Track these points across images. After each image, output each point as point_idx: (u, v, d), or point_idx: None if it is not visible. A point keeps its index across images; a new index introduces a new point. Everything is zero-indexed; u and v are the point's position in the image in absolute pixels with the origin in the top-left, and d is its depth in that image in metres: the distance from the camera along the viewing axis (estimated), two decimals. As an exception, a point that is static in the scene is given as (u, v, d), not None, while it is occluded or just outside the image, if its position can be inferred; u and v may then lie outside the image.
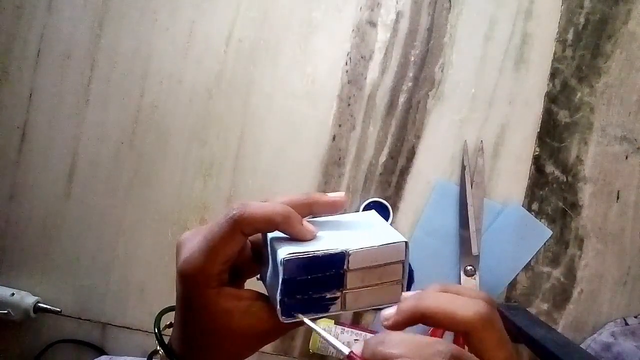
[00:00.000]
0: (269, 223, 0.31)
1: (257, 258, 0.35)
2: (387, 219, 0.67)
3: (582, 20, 0.67)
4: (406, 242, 0.32)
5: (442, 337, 0.66)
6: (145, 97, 0.70)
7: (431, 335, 0.66)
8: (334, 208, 0.34)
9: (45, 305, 0.68)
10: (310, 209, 0.34)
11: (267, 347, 0.69)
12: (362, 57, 0.69)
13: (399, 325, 0.28)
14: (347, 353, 0.27)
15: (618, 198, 0.68)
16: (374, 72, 0.69)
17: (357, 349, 0.27)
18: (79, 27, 0.70)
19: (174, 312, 0.35)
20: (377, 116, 0.69)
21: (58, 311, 0.68)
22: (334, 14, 0.69)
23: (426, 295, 0.28)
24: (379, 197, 0.68)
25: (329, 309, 0.31)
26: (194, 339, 0.33)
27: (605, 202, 0.68)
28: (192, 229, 0.34)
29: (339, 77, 0.69)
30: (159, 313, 0.36)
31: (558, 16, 0.68)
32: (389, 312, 0.29)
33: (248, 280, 0.37)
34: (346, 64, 0.69)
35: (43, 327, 0.70)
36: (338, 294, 0.31)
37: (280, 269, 0.30)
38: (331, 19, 0.69)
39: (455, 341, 0.66)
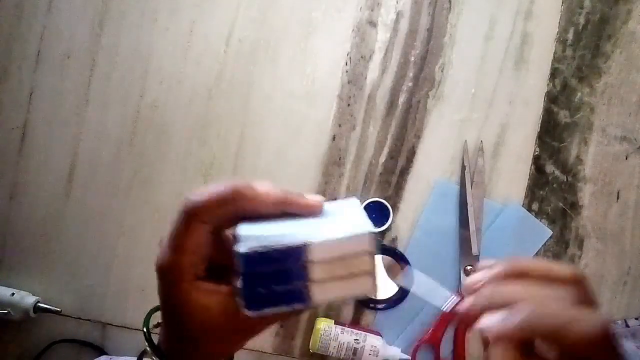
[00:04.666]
0: (221, 204, 0.30)
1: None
2: (387, 219, 0.67)
3: (582, 20, 0.67)
4: (371, 232, 0.30)
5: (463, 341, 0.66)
6: (145, 97, 0.70)
7: (433, 332, 0.66)
8: (309, 212, 0.34)
9: (45, 305, 0.68)
10: (284, 208, 0.33)
11: (267, 347, 0.69)
12: (362, 57, 0.69)
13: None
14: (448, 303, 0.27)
15: (618, 198, 0.68)
16: (374, 72, 0.69)
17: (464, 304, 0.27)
18: (79, 27, 0.70)
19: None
20: (377, 116, 0.69)
21: (58, 311, 0.68)
22: (334, 14, 0.69)
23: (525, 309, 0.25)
24: (379, 197, 0.68)
25: (295, 302, 0.30)
26: (177, 336, 0.33)
27: (605, 202, 0.68)
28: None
29: (339, 77, 0.69)
30: (149, 312, 0.36)
31: (558, 16, 0.68)
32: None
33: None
34: (346, 64, 0.69)
35: (43, 327, 0.70)
36: (303, 286, 0.30)
37: (239, 262, 0.29)
38: (331, 19, 0.69)
39: (456, 337, 0.66)
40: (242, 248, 0.29)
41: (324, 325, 0.65)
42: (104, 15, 0.70)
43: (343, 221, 0.33)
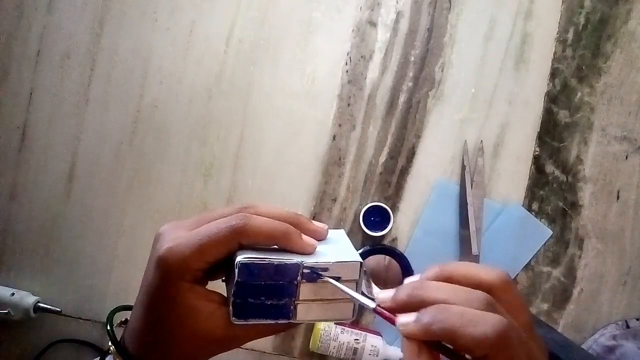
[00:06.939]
0: (269, 238, 0.32)
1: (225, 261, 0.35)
2: (387, 223, 0.67)
3: (582, 20, 0.67)
4: (361, 263, 0.32)
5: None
6: (145, 97, 0.70)
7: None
8: (315, 236, 0.35)
9: (45, 305, 0.68)
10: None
11: (267, 347, 0.69)
12: (362, 57, 0.69)
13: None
14: (373, 307, 0.28)
15: (618, 198, 0.68)
16: (374, 72, 0.69)
17: (384, 299, 0.28)
18: (79, 27, 0.70)
19: (126, 311, 0.35)
20: (377, 116, 0.69)
21: (58, 311, 0.68)
22: (334, 14, 0.69)
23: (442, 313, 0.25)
24: (379, 197, 0.68)
25: (280, 317, 0.32)
26: (153, 334, 0.33)
27: (605, 202, 0.68)
28: (172, 222, 0.34)
29: (339, 77, 0.69)
30: (112, 310, 0.36)
31: (558, 16, 0.68)
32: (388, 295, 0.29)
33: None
34: (346, 64, 0.69)
35: (43, 327, 0.70)
36: (290, 303, 0.32)
37: (236, 271, 0.31)
38: (331, 19, 0.69)
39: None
40: (240, 258, 0.31)
41: (324, 325, 0.65)
42: (104, 15, 0.70)
43: (336, 249, 0.35)
